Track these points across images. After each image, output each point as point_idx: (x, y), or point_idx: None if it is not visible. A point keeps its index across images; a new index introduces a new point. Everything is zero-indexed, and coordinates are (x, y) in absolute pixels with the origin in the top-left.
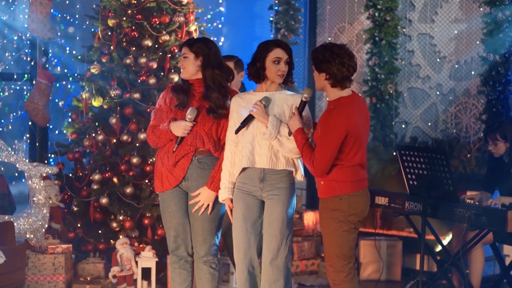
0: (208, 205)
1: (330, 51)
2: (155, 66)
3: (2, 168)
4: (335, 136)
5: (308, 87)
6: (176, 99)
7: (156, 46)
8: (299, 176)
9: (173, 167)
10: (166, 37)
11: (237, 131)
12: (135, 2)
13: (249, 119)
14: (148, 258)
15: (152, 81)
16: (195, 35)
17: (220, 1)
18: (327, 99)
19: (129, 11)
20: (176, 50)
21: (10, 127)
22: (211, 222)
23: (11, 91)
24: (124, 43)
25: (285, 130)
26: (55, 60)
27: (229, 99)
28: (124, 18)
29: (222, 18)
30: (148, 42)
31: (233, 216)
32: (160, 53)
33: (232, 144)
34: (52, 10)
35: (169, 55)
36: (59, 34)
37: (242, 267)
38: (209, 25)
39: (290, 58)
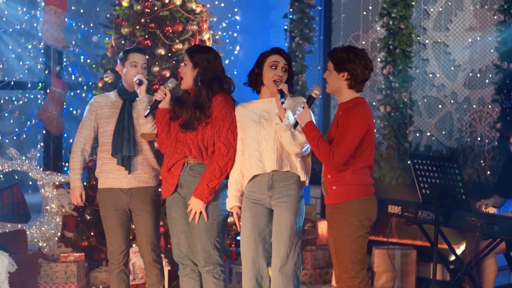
0: (201, 212)
1: (354, 52)
2: (168, 74)
3: (16, 176)
4: (357, 130)
5: (317, 85)
6: (172, 111)
7: (169, 54)
8: (303, 177)
9: (167, 174)
10: (179, 46)
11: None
12: (148, 10)
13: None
14: None
15: None
16: (209, 44)
17: (236, 10)
18: (338, 101)
19: (142, 20)
20: None
21: (24, 136)
22: (207, 232)
23: (25, 100)
24: None
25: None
26: (70, 69)
27: (207, 115)
28: (138, 27)
29: (238, 26)
30: (161, 51)
31: (241, 224)
32: (173, 62)
33: (238, 153)
34: (67, 19)
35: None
36: (73, 42)
37: (250, 276)
38: (224, 33)
39: (289, 66)
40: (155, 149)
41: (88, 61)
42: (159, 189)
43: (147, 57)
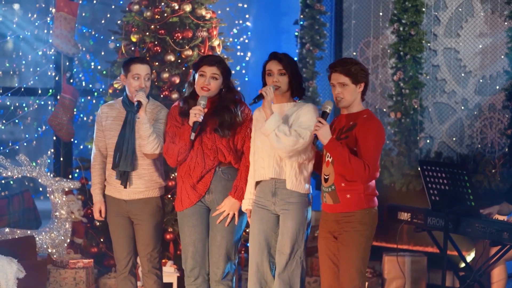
0: (234, 214)
1: (359, 63)
2: (177, 81)
3: (27, 183)
4: (381, 141)
5: (329, 100)
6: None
7: (179, 61)
8: (289, 185)
9: (196, 183)
10: (189, 52)
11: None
12: (158, 17)
13: (259, 97)
14: (169, 273)
15: (174, 96)
16: (218, 50)
17: (247, 16)
18: (344, 111)
19: (152, 26)
20: None
21: (37, 142)
22: (234, 234)
23: (35, 106)
24: (147, 58)
25: (286, 129)
26: (81, 75)
27: (239, 114)
28: (147, 33)
29: (249, 33)
30: (171, 57)
31: (250, 229)
32: (183, 68)
33: (252, 155)
34: (78, 26)
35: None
36: (83, 49)
37: (254, 280)
38: (236, 40)
39: (287, 68)
40: (163, 161)
41: (99, 67)
42: (170, 198)
43: (153, 65)
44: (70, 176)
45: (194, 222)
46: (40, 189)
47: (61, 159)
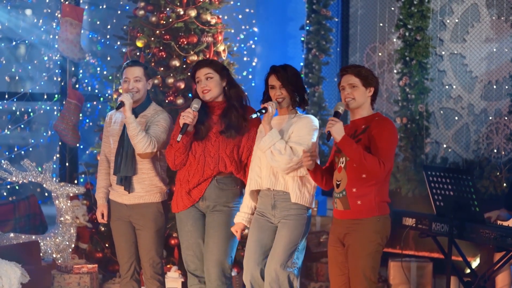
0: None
1: (370, 70)
2: (182, 86)
3: (31, 187)
4: (395, 141)
5: (340, 102)
6: (195, 133)
7: (184, 66)
8: (294, 198)
9: (191, 189)
10: (194, 57)
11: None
12: (164, 22)
13: (261, 112)
14: (174, 279)
15: (179, 101)
16: (224, 55)
17: (254, 21)
18: (355, 116)
19: (157, 32)
20: None
21: (44, 147)
22: (227, 241)
23: (41, 111)
24: (152, 63)
25: (282, 146)
26: (86, 80)
27: (246, 119)
28: (152, 39)
29: (256, 38)
30: (176, 63)
31: (248, 236)
32: (188, 73)
33: None
34: (86, 31)
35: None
36: (89, 54)
37: (248, 287)
38: (242, 45)
39: (287, 82)
40: (165, 166)
41: (105, 72)
42: (168, 202)
43: (158, 71)
44: (75, 181)
45: (189, 227)
46: (46, 194)
47: (67, 164)
